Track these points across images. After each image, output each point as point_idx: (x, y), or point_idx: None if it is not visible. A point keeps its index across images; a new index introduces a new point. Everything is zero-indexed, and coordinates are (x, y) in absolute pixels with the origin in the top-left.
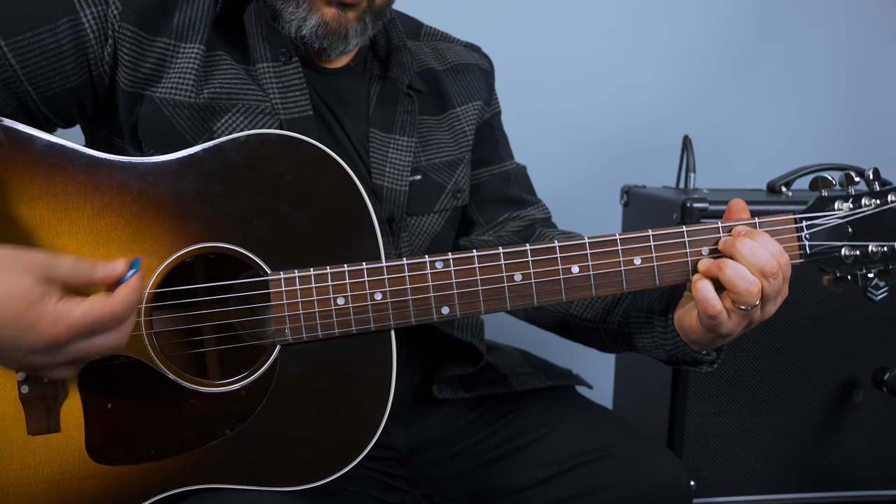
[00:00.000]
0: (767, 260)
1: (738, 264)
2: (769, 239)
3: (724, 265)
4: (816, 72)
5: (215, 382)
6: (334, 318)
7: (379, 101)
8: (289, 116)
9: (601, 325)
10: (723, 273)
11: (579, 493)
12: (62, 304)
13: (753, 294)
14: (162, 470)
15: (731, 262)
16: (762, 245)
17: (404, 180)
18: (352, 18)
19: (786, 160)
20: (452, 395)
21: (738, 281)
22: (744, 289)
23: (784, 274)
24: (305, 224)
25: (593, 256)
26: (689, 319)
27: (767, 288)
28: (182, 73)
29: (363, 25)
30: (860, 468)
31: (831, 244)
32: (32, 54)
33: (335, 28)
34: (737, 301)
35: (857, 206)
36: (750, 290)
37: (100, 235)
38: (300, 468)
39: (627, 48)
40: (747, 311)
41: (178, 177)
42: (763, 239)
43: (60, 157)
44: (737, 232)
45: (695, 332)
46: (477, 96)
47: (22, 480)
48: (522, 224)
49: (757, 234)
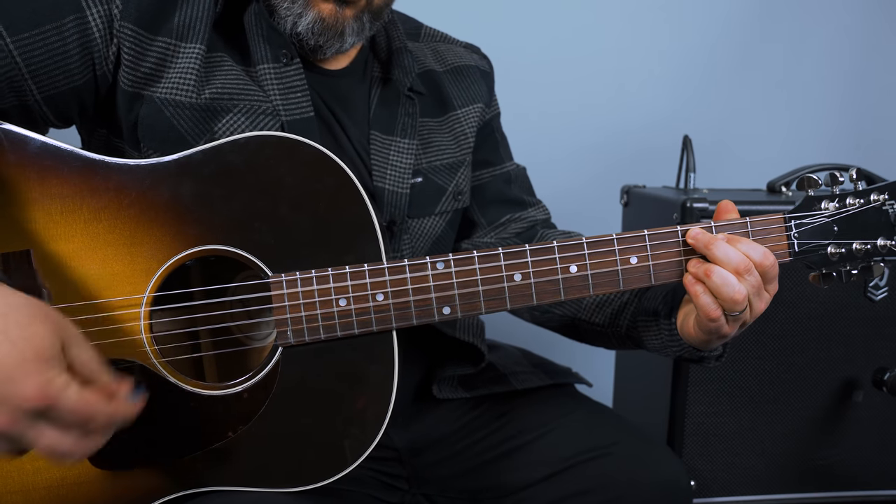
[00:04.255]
0: (738, 259)
1: (724, 270)
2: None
3: (712, 272)
4: (816, 72)
5: (217, 385)
6: (336, 319)
7: (380, 103)
8: (290, 118)
9: (610, 329)
10: (710, 279)
11: (579, 492)
12: (64, 377)
13: (736, 301)
14: (163, 473)
15: (718, 269)
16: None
17: (405, 182)
18: (349, 16)
19: (786, 160)
20: (452, 394)
21: (725, 288)
22: (729, 296)
23: (770, 273)
24: (306, 226)
25: (591, 256)
26: (687, 324)
27: (751, 291)
28: (183, 73)
29: (360, 24)
30: (860, 468)
31: (818, 242)
32: (38, 52)
33: (331, 25)
34: (725, 306)
35: (842, 206)
36: (734, 297)
37: (97, 238)
38: (302, 469)
39: (627, 48)
40: (737, 316)
41: (177, 179)
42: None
43: (55, 159)
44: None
45: (693, 335)
46: (478, 98)
47: (20, 487)
48: (524, 225)
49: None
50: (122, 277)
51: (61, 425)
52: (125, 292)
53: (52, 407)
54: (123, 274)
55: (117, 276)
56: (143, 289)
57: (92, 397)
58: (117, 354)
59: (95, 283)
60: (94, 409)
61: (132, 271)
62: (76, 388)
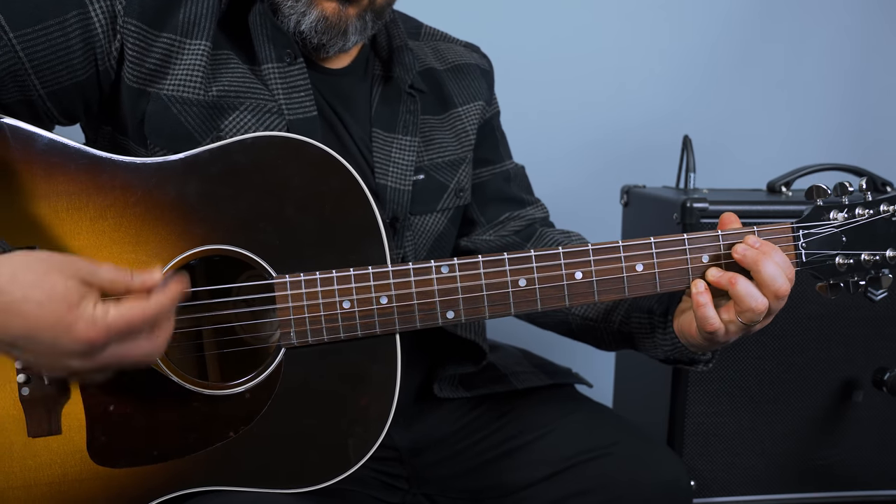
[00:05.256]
0: (784, 284)
1: (749, 283)
2: (786, 260)
3: (737, 282)
4: (816, 71)
5: (219, 385)
6: (340, 321)
7: (381, 101)
8: (294, 117)
9: (602, 324)
10: (734, 289)
11: (580, 492)
12: (100, 307)
13: (759, 312)
14: (164, 472)
15: (744, 280)
16: (782, 268)
17: (408, 180)
18: (352, 14)
19: (786, 160)
20: (453, 394)
21: (748, 299)
22: (751, 307)
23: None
24: (310, 227)
25: (596, 262)
26: (689, 327)
27: (774, 307)
28: (189, 69)
29: (363, 23)
30: (860, 468)
31: (826, 252)
32: (41, 47)
33: (335, 23)
34: (742, 317)
35: (850, 216)
36: (758, 309)
37: (102, 236)
38: (304, 470)
39: (627, 48)
40: (749, 326)
41: (183, 178)
42: (781, 259)
43: (62, 156)
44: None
45: (694, 338)
46: (478, 96)
47: (22, 483)
48: (523, 224)
49: (776, 253)
50: None
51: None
52: None
53: (108, 334)
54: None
55: None
56: None
57: (133, 305)
58: None
59: None
60: (143, 312)
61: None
62: (116, 309)
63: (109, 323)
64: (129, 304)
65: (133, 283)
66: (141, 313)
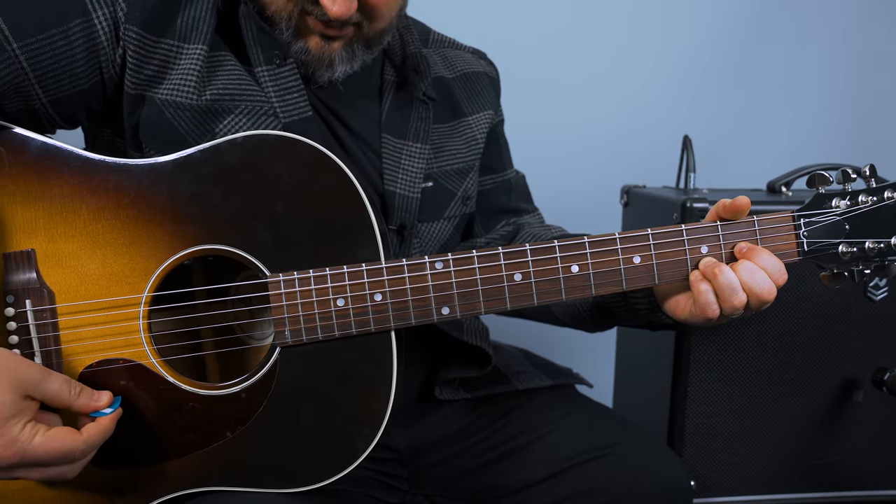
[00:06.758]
0: (766, 286)
1: (733, 276)
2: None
3: (720, 273)
4: (815, 72)
5: (215, 385)
6: (334, 319)
7: (393, 106)
8: (288, 119)
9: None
10: (716, 280)
11: (580, 492)
12: (28, 429)
13: (737, 308)
14: (162, 473)
15: (728, 272)
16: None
17: (417, 187)
18: (336, 48)
19: (786, 160)
20: (454, 395)
21: (728, 293)
22: (729, 302)
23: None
24: (304, 226)
25: (593, 255)
26: (682, 308)
27: (754, 305)
28: (184, 74)
29: (350, 52)
30: (860, 468)
31: (829, 241)
32: (44, 57)
33: (318, 56)
34: (722, 308)
35: (853, 204)
36: (735, 306)
37: (96, 238)
38: (301, 470)
39: (627, 48)
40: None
41: (175, 178)
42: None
43: (55, 160)
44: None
45: (681, 313)
46: (487, 105)
47: (22, 485)
48: (513, 228)
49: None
50: (122, 277)
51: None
52: (124, 292)
53: (22, 458)
54: (122, 274)
55: (116, 276)
56: (142, 288)
57: (61, 438)
58: (116, 354)
59: (95, 283)
60: (65, 447)
61: (131, 271)
62: (42, 436)
63: (28, 449)
64: (59, 437)
65: (76, 403)
66: (66, 447)
